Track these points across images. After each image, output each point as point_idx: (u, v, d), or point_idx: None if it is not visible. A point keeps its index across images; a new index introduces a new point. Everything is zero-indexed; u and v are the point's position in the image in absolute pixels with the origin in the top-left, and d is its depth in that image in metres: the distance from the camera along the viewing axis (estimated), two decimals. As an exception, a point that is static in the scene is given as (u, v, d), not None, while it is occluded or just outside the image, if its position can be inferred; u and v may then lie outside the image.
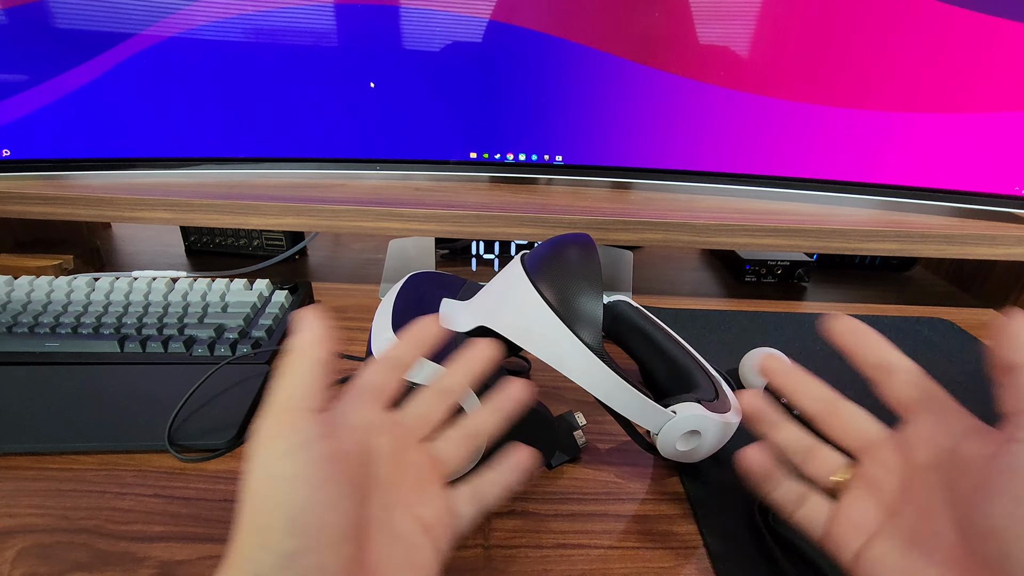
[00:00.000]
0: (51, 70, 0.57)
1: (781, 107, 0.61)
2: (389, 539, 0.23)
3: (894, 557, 0.24)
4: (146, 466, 0.38)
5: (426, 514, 0.25)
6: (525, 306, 0.34)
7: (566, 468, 0.39)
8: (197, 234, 0.75)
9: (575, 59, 0.60)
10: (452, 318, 0.38)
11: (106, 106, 0.59)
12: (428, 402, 0.28)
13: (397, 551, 0.23)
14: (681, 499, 0.37)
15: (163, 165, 0.64)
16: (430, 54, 0.60)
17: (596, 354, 0.33)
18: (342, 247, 0.80)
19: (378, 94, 0.61)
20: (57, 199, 0.59)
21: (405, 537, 0.24)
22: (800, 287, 0.73)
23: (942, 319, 0.63)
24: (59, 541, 0.32)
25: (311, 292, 0.60)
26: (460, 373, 0.29)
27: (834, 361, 0.54)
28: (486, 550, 0.33)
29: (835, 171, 0.64)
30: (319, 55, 0.59)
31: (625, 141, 0.64)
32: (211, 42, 0.58)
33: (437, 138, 0.64)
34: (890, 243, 0.61)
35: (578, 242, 0.37)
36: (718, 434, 0.36)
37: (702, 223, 0.59)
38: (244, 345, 0.48)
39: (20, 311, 0.50)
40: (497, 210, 0.59)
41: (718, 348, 0.55)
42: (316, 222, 0.59)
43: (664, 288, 0.71)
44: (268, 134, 0.63)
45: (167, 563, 0.31)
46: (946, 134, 0.60)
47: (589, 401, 0.36)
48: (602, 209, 0.61)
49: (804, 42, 0.58)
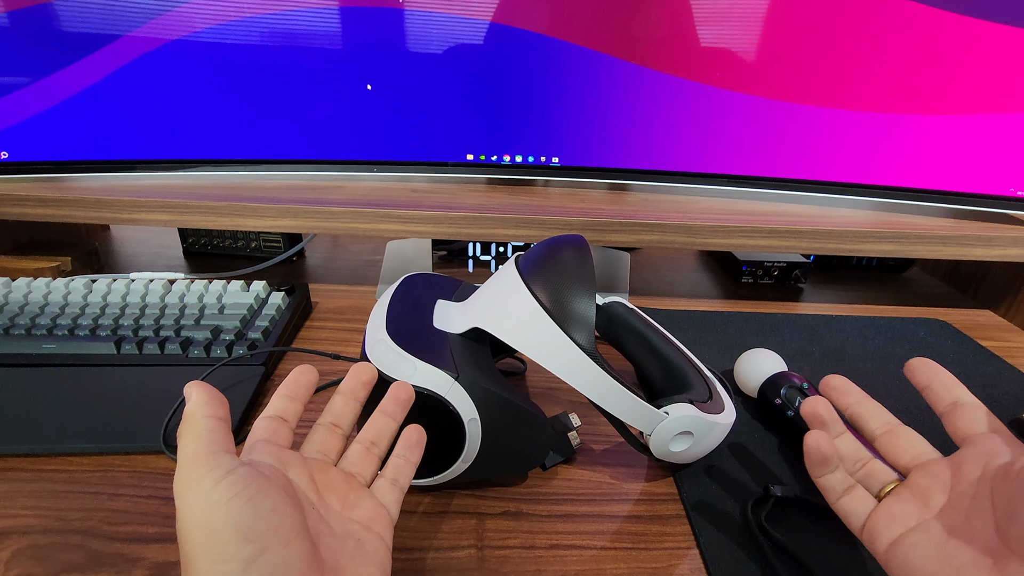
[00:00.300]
0: (49, 72, 0.57)
1: (777, 108, 0.61)
2: (337, 539, 0.25)
3: (931, 545, 0.25)
4: (141, 467, 0.38)
5: (360, 514, 0.27)
6: (519, 308, 0.35)
7: (560, 469, 0.39)
8: (195, 236, 0.76)
9: (572, 61, 0.60)
10: (446, 320, 0.38)
11: (104, 108, 0.60)
12: (324, 437, 0.30)
13: (347, 546, 0.25)
14: (675, 500, 0.37)
15: (161, 167, 0.64)
16: (427, 56, 0.60)
17: (589, 355, 0.33)
18: (340, 249, 0.80)
19: (375, 96, 0.62)
20: (55, 201, 0.59)
21: (351, 534, 0.26)
22: (797, 288, 0.73)
23: (939, 320, 0.64)
24: (54, 542, 0.32)
25: (308, 294, 0.60)
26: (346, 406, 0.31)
27: (829, 361, 0.54)
28: (480, 551, 0.33)
29: (832, 172, 0.64)
30: (316, 57, 0.59)
31: (622, 143, 0.64)
32: (208, 44, 0.58)
33: (434, 140, 0.64)
34: (887, 244, 0.61)
35: (572, 244, 0.37)
36: (711, 435, 0.36)
37: (699, 224, 0.59)
38: (240, 347, 0.48)
39: (17, 312, 0.51)
40: (494, 212, 0.59)
41: (715, 349, 0.55)
42: (314, 224, 0.59)
43: (661, 289, 0.71)
44: (265, 136, 0.63)
45: (161, 564, 0.31)
46: (942, 135, 0.60)
47: (583, 402, 0.36)
48: (599, 210, 0.61)
49: (801, 44, 0.58)
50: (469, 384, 0.32)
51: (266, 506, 0.22)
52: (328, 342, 0.55)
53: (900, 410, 0.32)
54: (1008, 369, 0.54)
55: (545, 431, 0.36)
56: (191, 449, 0.23)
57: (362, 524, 0.27)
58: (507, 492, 0.37)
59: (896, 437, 0.30)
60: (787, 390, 0.43)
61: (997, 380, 0.52)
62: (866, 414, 0.32)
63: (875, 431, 0.31)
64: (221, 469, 0.22)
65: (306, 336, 0.56)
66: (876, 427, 0.31)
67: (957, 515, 0.25)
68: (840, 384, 0.33)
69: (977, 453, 0.27)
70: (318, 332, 0.57)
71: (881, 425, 0.31)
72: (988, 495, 0.25)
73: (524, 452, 0.36)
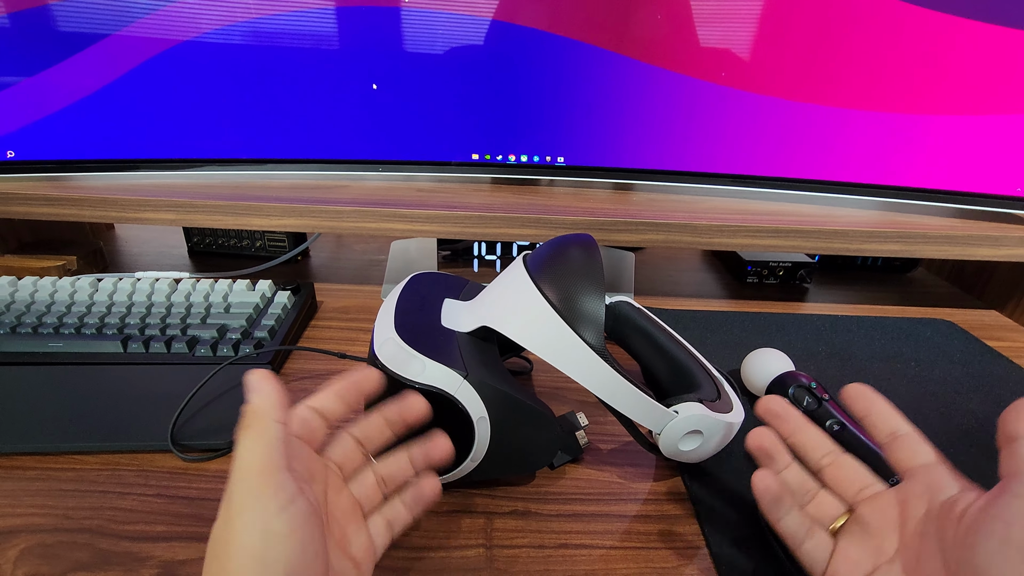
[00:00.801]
0: (55, 72, 0.57)
1: (784, 108, 0.61)
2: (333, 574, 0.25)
3: None
4: (148, 466, 0.38)
5: (355, 551, 0.27)
6: (527, 306, 0.34)
7: (568, 468, 0.39)
8: (200, 235, 0.76)
9: (577, 58, 0.60)
10: (454, 318, 0.38)
11: (110, 108, 0.60)
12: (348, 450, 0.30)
13: None
14: (683, 499, 0.37)
15: (167, 166, 0.64)
16: (432, 55, 0.60)
17: (599, 354, 0.33)
18: (344, 248, 0.80)
19: (381, 96, 0.62)
20: (61, 200, 0.59)
21: (343, 572, 0.25)
22: (802, 288, 0.73)
23: (944, 320, 0.63)
24: (61, 541, 0.32)
25: (313, 293, 0.60)
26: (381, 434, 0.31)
27: (835, 361, 0.54)
28: (488, 550, 0.33)
29: (837, 172, 0.63)
30: (322, 57, 0.59)
31: (627, 142, 0.64)
32: (215, 45, 0.58)
33: (439, 139, 0.64)
34: (892, 244, 0.61)
35: (580, 242, 0.37)
36: (720, 434, 0.36)
37: (704, 224, 0.59)
38: (247, 345, 0.48)
39: (24, 311, 0.51)
40: (499, 211, 0.59)
41: (720, 349, 0.55)
42: (319, 223, 0.59)
43: (666, 289, 0.71)
44: (271, 135, 0.63)
45: (169, 563, 0.31)
46: (949, 135, 0.60)
47: (591, 401, 0.36)
48: (604, 210, 0.61)
49: (808, 42, 0.58)
50: (478, 383, 0.32)
51: (311, 550, 0.23)
52: (333, 341, 0.55)
53: (909, 410, 0.31)
54: (1015, 369, 0.54)
55: (553, 430, 0.36)
56: (259, 459, 0.23)
57: (353, 562, 0.26)
58: (515, 491, 0.37)
59: (840, 469, 0.30)
60: (795, 389, 0.43)
61: (1004, 380, 0.52)
62: (808, 444, 0.31)
63: (819, 461, 0.31)
64: (285, 495, 0.22)
65: (312, 335, 0.56)
66: (820, 457, 0.31)
67: (910, 557, 0.26)
68: (781, 411, 0.32)
69: (920, 488, 0.27)
70: (323, 331, 0.57)
71: (825, 455, 0.31)
72: (935, 535, 0.25)
73: (532, 451, 0.36)
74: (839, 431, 0.39)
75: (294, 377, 0.48)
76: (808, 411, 0.41)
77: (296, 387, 0.47)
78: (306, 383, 0.48)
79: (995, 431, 0.25)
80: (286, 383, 0.47)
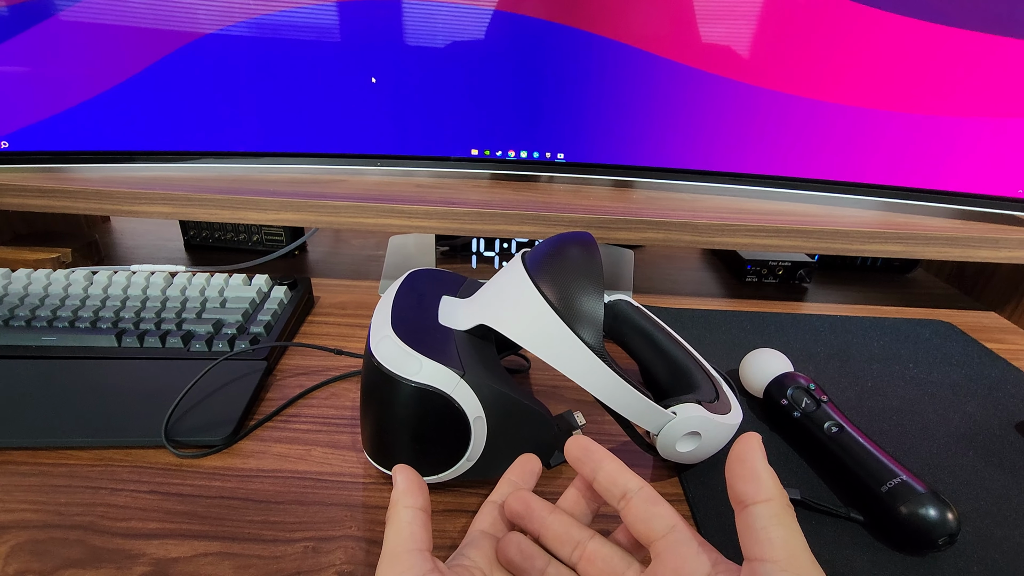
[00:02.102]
0: (50, 63, 0.57)
1: (785, 106, 0.60)
2: None
3: None
4: (142, 462, 0.37)
5: None
6: (525, 304, 0.34)
7: (564, 468, 0.39)
8: (196, 228, 0.75)
9: (578, 51, 0.59)
10: (452, 316, 0.38)
11: (105, 99, 0.59)
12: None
13: None
14: (681, 500, 0.37)
15: (163, 159, 0.63)
16: (432, 49, 0.59)
17: (596, 354, 0.32)
18: (342, 243, 0.80)
19: (380, 89, 0.61)
20: (56, 192, 0.59)
21: None
22: (801, 288, 0.73)
23: (943, 321, 0.63)
24: (53, 537, 0.32)
25: (310, 288, 0.60)
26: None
27: (834, 361, 0.54)
28: (484, 550, 0.33)
29: (838, 172, 0.63)
30: (321, 50, 0.59)
31: (627, 139, 0.64)
32: (212, 37, 0.57)
33: (439, 134, 0.64)
34: (892, 245, 0.60)
35: (580, 241, 0.37)
36: (718, 435, 0.35)
37: (704, 223, 0.59)
38: (242, 341, 0.48)
39: (17, 304, 0.50)
40: (498, 208, 0.58)
41: (719, 348, 0.55)
42: (316, 218, 0.59)
43: (665, 288, 0.71)
44: (268, 129, 0.63)
45: (162, 560, 0.31)
46: (950, 136, 0.59)
47: (589, 401, 0.36)
48: (603, 208, 0.61)
49: (810, 39, 0.57)
50: (475, 382, 0.32)
51: None
52: (330, 337, 0.55)
53: (907, 411, 0.31)
54: (1014, 372, 0.54)
55: (550, 430, 0.36)
56: (391, 543, 0.26)
57: None
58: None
59: (592, 565, 0.28)
60: (793, 391, 0.42)
61: (1002, 383, 0.52)
62: (553, 537, 0.29)
63: (570, 556, 0.28)
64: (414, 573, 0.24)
65: (308, 331, 0.56)
66: (569, 552, 0.28)
67: None
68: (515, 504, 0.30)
69: (668, 571, 0.25)
70: (320, 327, 0.56)
71: (575, 547, 0.28)
72: None
73: (529, 451, 0.36)
74: (837, 433, 0.38)
75: (289, 373, 0.48)
76: (806, 413, 0.41)
77: (291, 383, 0.47)
78: (301, 379, 0.47)
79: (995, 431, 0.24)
80: (281, 379, 0.47)
